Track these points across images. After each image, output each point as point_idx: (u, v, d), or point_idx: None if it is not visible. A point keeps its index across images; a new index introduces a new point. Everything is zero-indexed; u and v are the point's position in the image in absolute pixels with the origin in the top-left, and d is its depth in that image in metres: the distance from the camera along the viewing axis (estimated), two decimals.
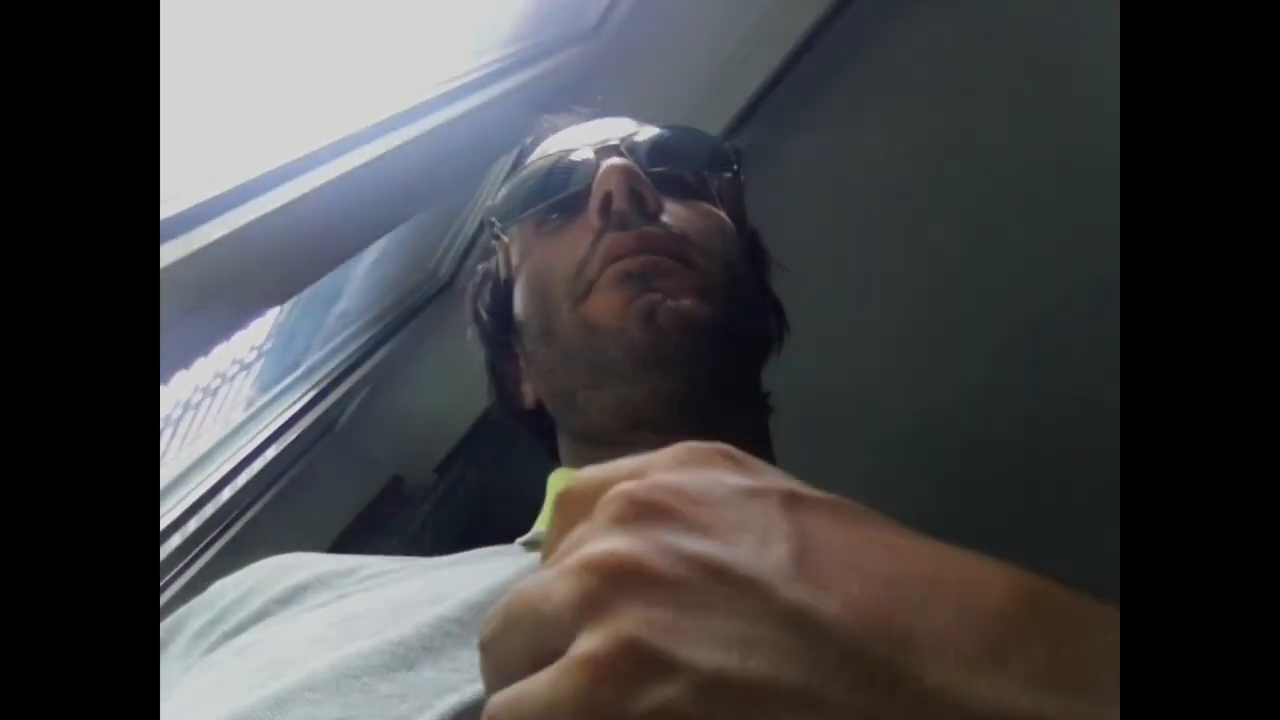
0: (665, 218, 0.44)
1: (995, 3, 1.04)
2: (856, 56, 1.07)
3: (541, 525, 0.44)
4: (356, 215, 0.51)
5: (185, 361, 0.40)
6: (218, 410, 0.78)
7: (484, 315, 0.51)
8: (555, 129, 0.53)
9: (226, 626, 0.38)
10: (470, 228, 0.96)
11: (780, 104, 1.04)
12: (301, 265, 0.46)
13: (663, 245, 0.43)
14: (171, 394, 0.66)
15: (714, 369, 0.42)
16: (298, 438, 0.82)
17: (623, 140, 0.47)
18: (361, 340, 0.87)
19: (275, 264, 0.44)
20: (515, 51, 0.75)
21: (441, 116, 0.60)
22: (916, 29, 1.07)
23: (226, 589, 0.41)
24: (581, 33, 0.84)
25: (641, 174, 0.44)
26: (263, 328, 0.81)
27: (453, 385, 1.07)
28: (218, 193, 0.41)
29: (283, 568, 0.41)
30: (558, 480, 0.45)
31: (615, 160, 0.44)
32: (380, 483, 1.00)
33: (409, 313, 0.93)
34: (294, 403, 0.79)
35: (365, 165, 0.50)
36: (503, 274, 0.50)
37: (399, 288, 0.92)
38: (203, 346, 0.41)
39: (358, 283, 0.86)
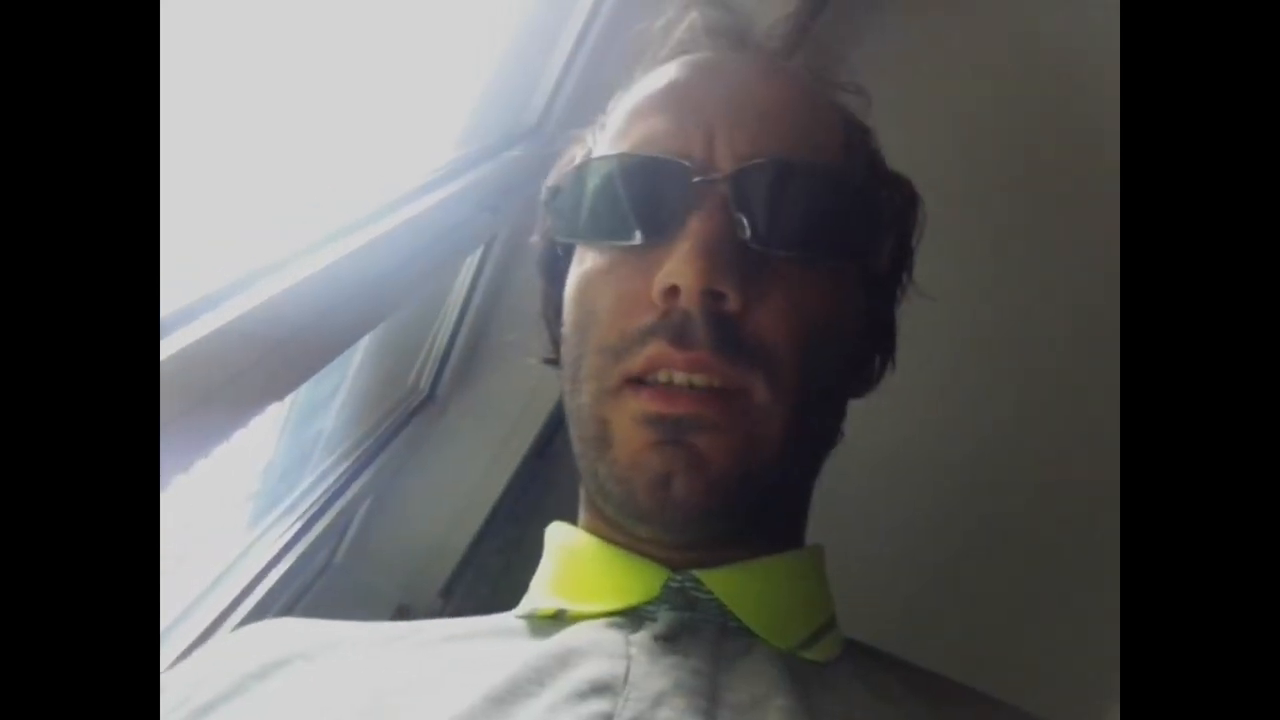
0: (746, 323, 0.35)
1: None
2: None
3: (537, 583, 0.41)
4: (341, 308, 0.51)
5: (184, 465, 0.40)
6: (208, 560, 0.76)
7: (543, 252, 0.45)
8: (680, 39, 0.45)
9: (194, 705, 0.35)
10: (443, 338, 0.97)
11: None
12: (295, 357, 0.46)
13: (717, 374, 0.35)
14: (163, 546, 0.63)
15: (736, 529, 0.37)
16: (297, 575, 0.79)
17: (734, 174, 0.36)
18: (349, 462, 0.86)
19: (270, 357, 0.44)
20: (462, 155, 0.79)
21: (404, 214, 0.62)
22: None
23: (201, 677, 0.37)
24: (523, 132, 0.87)
25: (729, 266, 0.35)
26: (252, 473, 0.79)
27: (448, 501, 1.05)
28: (214, 287, 0.42)
29: (259, 646, 0.38)
30: (555, 533, 0.42)
31: (697, 244, 0.35)
32: (386, 614, 0.96)
33: (394, 429, 0.92)
34: (284, 533, 0.77)
35: (342, 260, 0.52)
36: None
37: (380, 405, 0.92)
38: (203, 447, 0.41)
39: (336, 404, 0.86)
